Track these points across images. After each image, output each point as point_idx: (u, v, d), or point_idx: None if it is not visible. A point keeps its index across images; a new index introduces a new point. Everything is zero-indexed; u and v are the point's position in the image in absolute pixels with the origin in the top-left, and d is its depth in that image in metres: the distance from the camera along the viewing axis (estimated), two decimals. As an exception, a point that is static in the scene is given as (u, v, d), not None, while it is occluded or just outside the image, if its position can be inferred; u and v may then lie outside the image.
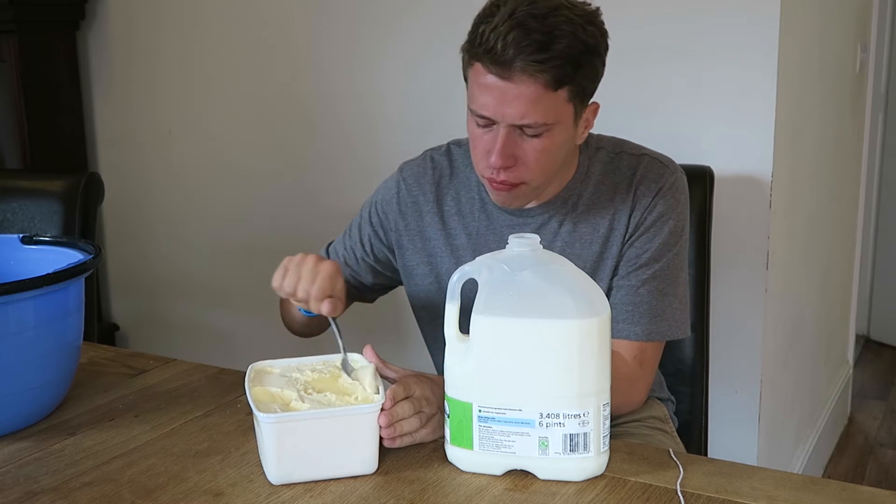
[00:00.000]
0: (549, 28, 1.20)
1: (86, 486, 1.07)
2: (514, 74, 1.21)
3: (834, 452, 2.95)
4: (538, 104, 1.23)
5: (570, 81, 1.23)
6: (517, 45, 1.19)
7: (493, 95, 1.23)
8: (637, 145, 1.43)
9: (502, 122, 1.25)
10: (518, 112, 1.23)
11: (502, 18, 1.21)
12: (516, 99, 1.22)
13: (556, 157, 1.30)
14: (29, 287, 1.16)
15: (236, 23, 2.52)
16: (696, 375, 1.63)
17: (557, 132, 1.27)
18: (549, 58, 1.20)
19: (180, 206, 2.72)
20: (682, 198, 1.38)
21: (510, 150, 1.26)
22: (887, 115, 3.66)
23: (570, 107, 1.27)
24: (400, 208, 1.47)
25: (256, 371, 1.18)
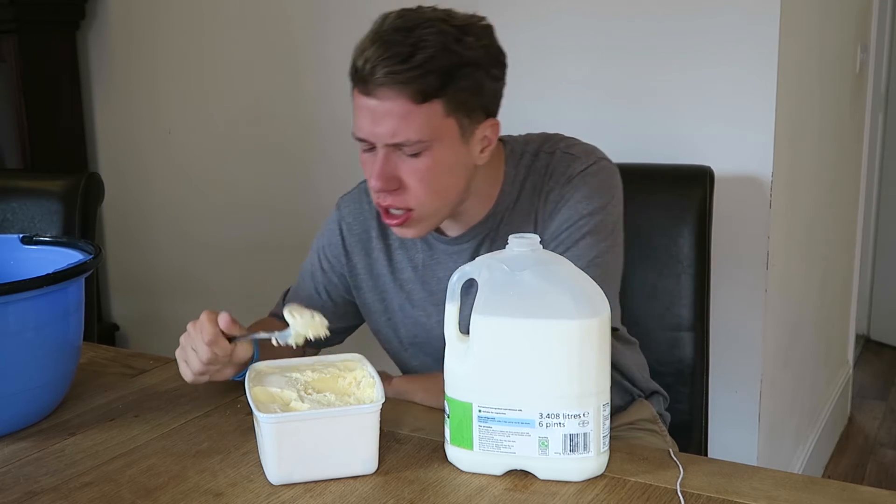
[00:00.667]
0: (413, 40, 1.18)
1: (86, 486, 1.07)
2: (377, 90, 1.19)
3: (834, 452, 2.95)
4: (408, 120, 1.19)
5: (439, 94, 1.19)
6: (377, 59, 1.17)
7: (365, 116, 1.22)
8: (558, 140, 1.38)
9: (378, 144, 1.22)
10: (388, 130, 1.20)
11: (368, 38, 1.20)
12: (385, 116, 1.20)
13: (444, 178, 1.25)
14: (29, 287, 1.16)
15: (236, 22, 2.52)
16: (696, 375, 1.63)
17: (439, 151, 1.23)
18: (408, 68, 1.17)
19: (180, 205, 2.72)
20: (597, 182, 1.32)
21: (390, 172, 1.23)
22: (887, 115, 3.66)
23: (452, 123, 1.23)
24: (346, 249, 1.44)
25: (256, 371, 1.18)
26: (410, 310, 1.41)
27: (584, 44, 2.04)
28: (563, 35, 2.06)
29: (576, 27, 2.04)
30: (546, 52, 2.08)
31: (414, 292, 1.40)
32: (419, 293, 1.40)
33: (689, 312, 1.63)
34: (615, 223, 1.34)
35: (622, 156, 2.02)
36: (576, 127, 2.04)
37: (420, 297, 1.40)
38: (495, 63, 1.27)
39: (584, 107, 2.06)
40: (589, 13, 2.02)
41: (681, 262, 1.63)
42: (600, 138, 2.06)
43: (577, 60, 2.05)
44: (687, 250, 1.63)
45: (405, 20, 1.20)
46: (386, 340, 1.47)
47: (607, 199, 1.33)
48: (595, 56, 2.03)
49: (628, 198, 1.73)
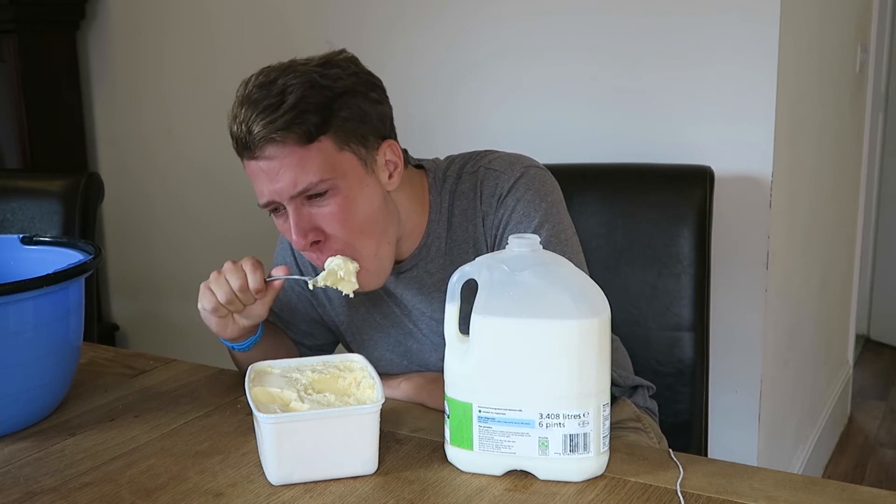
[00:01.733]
0: (278, 90, 1.17)
1: (86, 487, 1.07)
2: (262, 149, 1.17)
3: (834, 452, 2.95)
4: (303, 165, 1.17)
5: (323, 130, 1.18)
6: (250, 119, 1.16)
7: (261, 180, 1.20)
8: (480, 157, 1.34)
9: (283, 200, 1.20)
10: (287, 182, 1.18)
11: (236, 105, 1.19)
12: (279, 171, 1.18)
13: (361, 214, 1.22)
14: (29, 287, 1.16)
15: (237, 22, 2.52)
16: (696, 375, 1.63)
17: (346, 187, 1.20)
18: (282, 114, 1.15)
19: (180, 205, 2.72)
20: (531, 195, 1.28)
21: (307, 226, 1.20)
22: (887, 115, 3.66)
23: (349, 155, 1.20)
24: (300, 270, 1.43)
25: (256, 371, 1.18)
26: (368, 331, 1.40)
27: (583, 43, 2.04)
28: (562, 35, 2.06)
29: (575, 27, 2.04)
30: (545, 51, 2.08)
31: (369, 316, 1.39)
32: (373, 317, 1.39)
33: (689, 312, 1.63)
34: (565, 228, 1.31)
35: (622, 156, 2.03)
36: (576, 127, 2.06)
37: (373, 320, 1.39)
38: (370, 87, 1.24)
39: (583, 107, 2.06)
40: (588, 13, 2.02)
41: (681, 262, 1.63)
42: (600, 138, 2.07)
43: (577, 60, 2.05)
44: (687, 250, 1.63)
45: (265, 75, 1.20)
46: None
47: (546, 207, 1.29)
48: (595, 56, 2.03)
49: (629, 198, 1.73)
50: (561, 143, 2.05)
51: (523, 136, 2.08)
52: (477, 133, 2.15)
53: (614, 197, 1.68)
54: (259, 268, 1.23)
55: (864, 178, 3.21)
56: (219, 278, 1.24)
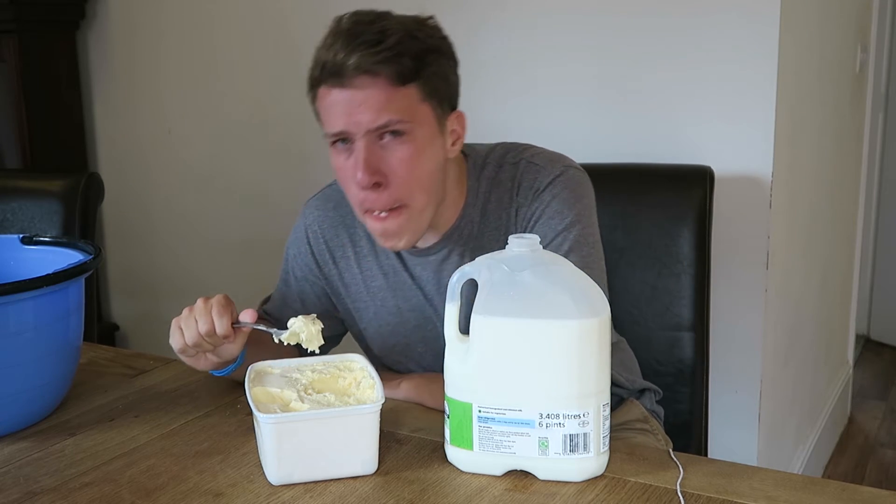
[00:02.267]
0: (378, 29, 1.19)
1: (86, 486, 1.07)
2: (354, 78, 1.18)
3: (834, 452, 2.95)
4: (388, 102, 1.19)
5: (414, 77, 1.20)
6: (349, 49, 1.17)
7: (341, 108, 1.20)
8: (522, 149, 1.36)
9: (358, 133, 1.20)
10: (370, 114, 1.19)
11: (331, 36, 1.21)
12: (363, 102, 1.19)
13: (426, 167, 1.23)
14: (29, 287, 1.16)
15: (236, 22, 2.52)
16: (696, 375, 1.63)
17: (420, 135, 1.21)
18: (382, 51, 1.17)
19: (180, 205, 2.72)
20: (567, 194, 1.30)
21: (375, 164, 1.20)
22: (887, 115, 3.66)
23: (428, 109, 1.22)
24: (315, 258, 1.42)
25: (256, 371, 1.18)
26: (387, 317, 1.39)
27: (583, 44, 2.04)
28: (562, 34, 2.06)
29: (575, 27, 2.04)
30: (546, 52, 2.08)
31: (387, 300, 1.38)
32: (392, 301, 1.38)
33: (689, 312, 1.63)
34: (594, 232, 1.32)
35: (622, 156, 2.03)
36: (576, 127, 2.06)
37: (393, 304, 1.39)
38: (452, 56, 1.27)
39: (583, 107, 2.06)
40: (588, 12, 2.02)
41: (681, 262, 1.63)
42: (600, 138, 2.07)
43: (577, 60, 2.05)
44: (687, 250, 1.63)
45: (362, 15, 1.21)
46: (365, 349, 1.45)
47: (581, 210, 1.30)
48: (595, 56, 2.03)
49: (629, 198, 1.73)
50: (561, 143, 2.04)
51: (524, 136, 2.07)
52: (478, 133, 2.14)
53: (614, 197, 1.68)
54: (227, 312, 1.20)
55: (864, 178, 3.21)
56: (188, 318, 1.21)
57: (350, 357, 1.21)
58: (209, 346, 1.22)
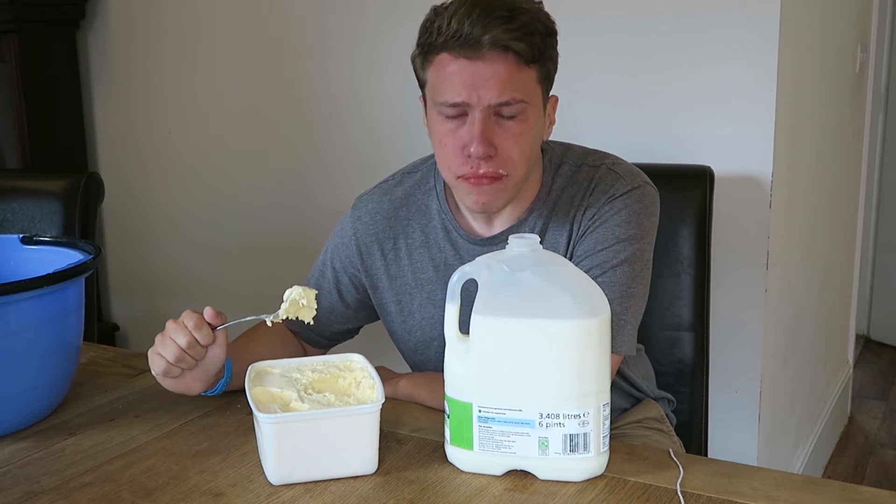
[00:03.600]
0: (509, 4, 1.19)
1: (86, 486, 1.07)
2: (485, 51, 1.19)
3: (834, 452, 2.95)
4: (513, 80, 1.20)
5: (539, 58, 1.22)
6: (484, 21, 1.18)
7: (465, 79, 1.20)
8: (604, 155, 1.38)
9: (478, 106, 1.21)
10: (495, 90, 1.20)
11: (459, 3, 1.20)
12: (491, 77, 1.19)
13: (531, 145, 1.26)
14: (29, 287, 1.16)
15: (236, 22, 2.52)
16: (696, 375, 1.63)
17: (531, 115, 1.24)
18: (515, 29, 1.18)
19: (180, 205, 2.72)
20: (639, 208, 1.31)
21: (490, 137, 1.22)
22: (887, 115, 3.66)
23: (539, 91, 1.25)
24: (360, 250, 1.42)
25: (256, 371, 1.18)
26: (431, 309, 1.39)
27: (583, 44, 2.04)
28: (562, 35, 2.05)
29: (575, 27, 2.03)
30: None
31: (435, 292, 1.38)
32: (440, 293, 1.37)
33: (689, 312, 1.63)
34: (649, 253, 1.34)
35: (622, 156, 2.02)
36: (575, 127, 2.05)
37: (441, 297, 1.38)
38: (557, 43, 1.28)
39: (584, 107, 2.06)
40: (589, 14, 2.02)
41: (681, 262, 1.63)
42: (600, 138, 2.06)
43: (577, 62, 2.05)
44: (687, 250, 1.63)
45: None
46: (402, 341, 1.45)
47: (646, 228, 1.32)
48: (595, 57, 2.03)
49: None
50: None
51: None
52: (477, 133, 2.15)
53: (614, 197, 1.68)
54: (202, 322, 1.19)
55: (864, 178, 3.21)
56: (164, 340, 1.20)
57: (350, 357, 1.22)
58: (192, 360, 1.20)
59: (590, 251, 1.29)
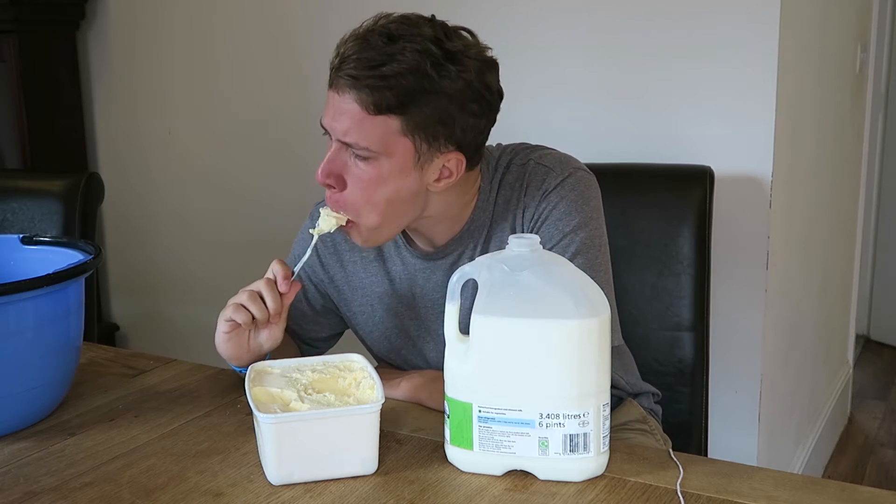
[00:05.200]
0: (392, 50, 1.15)
1: (86, 486, 1.07)
2: (339, 86, 1.19)
3: (834, 452, 2.95)
4: (360, 126, 1.18)
5: (395, 111, 1.17)
6: (348, 56, 1.17)
7: (329, 107, 1.22)
8: (531, 150, 1.35)
9: (333, 136, 1.22)
10: (342, 127, 1.20)
11: (355, 32, 1.19)
12: (343, 113, 1.19)
13: (383, 193, 1.22)
14: (29, 287, 1.16)
15: (237, 22, 2.52)
16: (696, 375, 1.63)
17: (387, 165, 1.20)
18: (370, 77, 1.15)
19: (180, 205, 2.72)
20: (575, 196, 1.29)
21: (336, 170, 1.22)
22: (887, 115, 3.66)
23: (407, 144, 1.19)
24: (321, 260, 1.42)
25: (256, 371, 1.18)
26: (394, 320, 1.40)
27: (583, 43, 2.04)
28: (561, 34, 2.06)
29: (575, 26, 2.04)
30: (545, 51, 2.08)
31: (393, 305, 1.39)
32: (397, 306, 1.39)
33: (689, 312, 1.63)
34: (600, 235, 1.32)
35: (622, 156, 2.03)
36: (575, 127, 2.06)
37: (399, 309, 1.39)
38: (475, 98, 1.21)
39: (583, 107, 2.06)
40: (588, 12, 2.02)
41: (681, 262, 1.63)
42: (600, 138, 2.07)
43: (576, 60, 2.05)
44: (687, 250, 1.63)
45: (396, 28, 1.18)
46: (374, 350, 1.46)
47: (589, 213, 1.30)
48: (594, 56, 2.03)
49: (628, 198, 1.73)
50: (561, 143, 2.04)
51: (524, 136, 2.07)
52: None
53: (614, 197, 1.68)
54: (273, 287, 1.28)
55: (864, 178, 3.21)
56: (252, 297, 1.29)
57: (350, 357, 1.22)
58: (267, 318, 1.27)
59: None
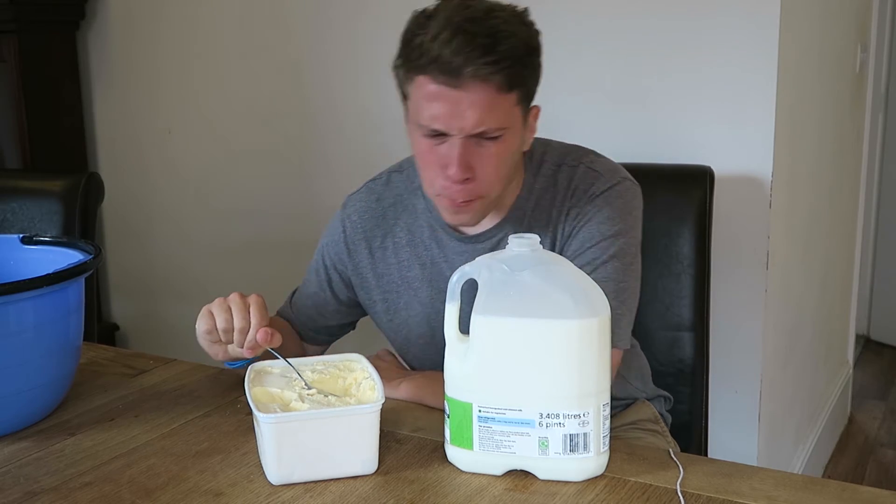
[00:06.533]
0: (490, 30, 1.17)
1: (86, 486, 1.07)
2: (464, 81, 1.17)
3: (834, 452, 2.95)
4: (493, 109, 1.20)
5: (520, 83, 1.21)
6: (464, 50, 1.16)
7: (445, 108, 1.19)
8: (582, 154, 1.38)
9: (458, 134, 1.21)
10: (473, 120, 1.19)
11: (441, 26, 1.18)
12: (470, 107, 1.19)
13: (509, 164, 1.27)
14: (29, 287, 1.16)
15: (236, 22, 2.52)
16: (696, 375, 1.63)
17: (510, 137, 1.24)
18: (498, 59, 1.17)
19: (180, 205, 2.72)
20: (620, 204, 1.33)
21: (468, 162, 1.22)
22: (887, 115, 3.66)
23: (519, 110, 1.24)
24: (348, 248, 1.44)
25: (256, 371, 1.18)
26: (417, 307, 1.41)
27: (583, 43, 2.04)
28: (562, 35, 2.05)
29: (575, 27, 2.04)
30: (545, 52, 2.07)
31: (421, 290, 1.40)
32: (426, 291, 1.40)
33: (689, 312, 1.63)
34: (637, 247, 1.35)
35: (622, 156, 2.02)
36: (576, 126, 2.05)
37: (426, 294, 1.40)
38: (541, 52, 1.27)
39: (583, 107, 2.06)
40: (588, 13, 2.02)
41: (681, 262, 1.63)
42: (600, 138, 2.06)
43: (577, 61, 2.05)
44: (687, 250, 1.63)
45: (470, 10, 1.19)
46: (390, 338, 1.47)
47: (630, 222, 1.33)
48: (595, 56, 2.03)
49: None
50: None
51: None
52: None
53: (614, 197, 1.68)
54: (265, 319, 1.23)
55: (864, 178, 3.21)
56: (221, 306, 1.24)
57: (350, 357, 1.22)
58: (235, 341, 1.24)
59: (578, 250, 1.31)
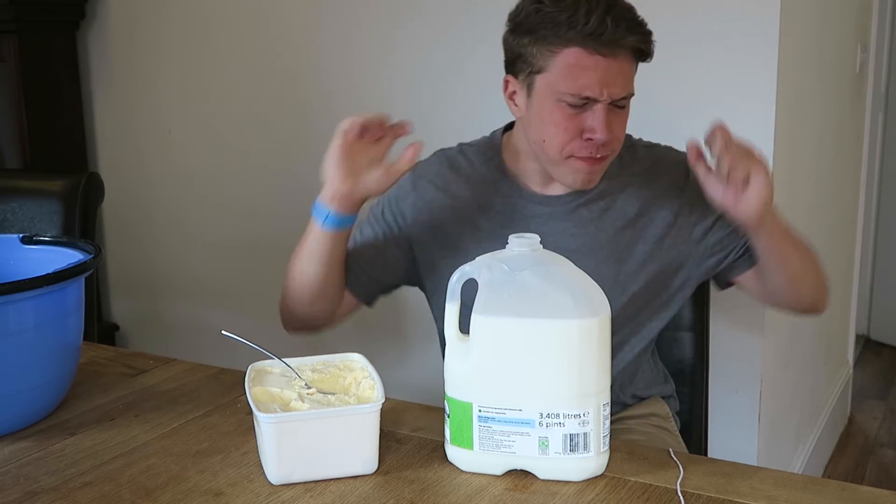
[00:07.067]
0: (628, 6, 1.29)
1: (86, 486, 1.07)
2: (620, 52, 1.26)
3: (834, 452, 2.96)
4: (629, 77, 1.30)
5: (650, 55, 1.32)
6: (625, 24, 1.25)
7: (599, 76, 1.26)
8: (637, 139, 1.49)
9: (605, 100, 1.28)
10: (619, 87, 1.28)
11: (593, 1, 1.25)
12: (619, 75, 1.27)
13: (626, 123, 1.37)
14: (29, 287, 1.16)
15: (236, 22, 2.52)
16: (696, 375, 1.63)
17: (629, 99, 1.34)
18: (647, 32, 1.29)
19: (180, 205, 2.72)
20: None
21: (611, 124, 1.30)
22: (887, 115, 3.66)
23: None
24: (416, 204, 1.45)
25: (256, 371, 1.18)
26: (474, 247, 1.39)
27: (584, 44, 2.03)
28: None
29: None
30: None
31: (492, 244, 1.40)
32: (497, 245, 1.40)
33: (689, 312, 1.63)
34: None
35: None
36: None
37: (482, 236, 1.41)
38: None
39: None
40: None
41: (681, 262, 1.63)
42: (600, 138, 2.05)
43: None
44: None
45: None
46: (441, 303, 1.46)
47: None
48: (595, 56, 2.03)
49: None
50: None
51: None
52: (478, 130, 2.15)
53: (614, 197, 1.68)
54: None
55: (864, 178, 3.21)
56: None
57: (350, 357, 1.22)
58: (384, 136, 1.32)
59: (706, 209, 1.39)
